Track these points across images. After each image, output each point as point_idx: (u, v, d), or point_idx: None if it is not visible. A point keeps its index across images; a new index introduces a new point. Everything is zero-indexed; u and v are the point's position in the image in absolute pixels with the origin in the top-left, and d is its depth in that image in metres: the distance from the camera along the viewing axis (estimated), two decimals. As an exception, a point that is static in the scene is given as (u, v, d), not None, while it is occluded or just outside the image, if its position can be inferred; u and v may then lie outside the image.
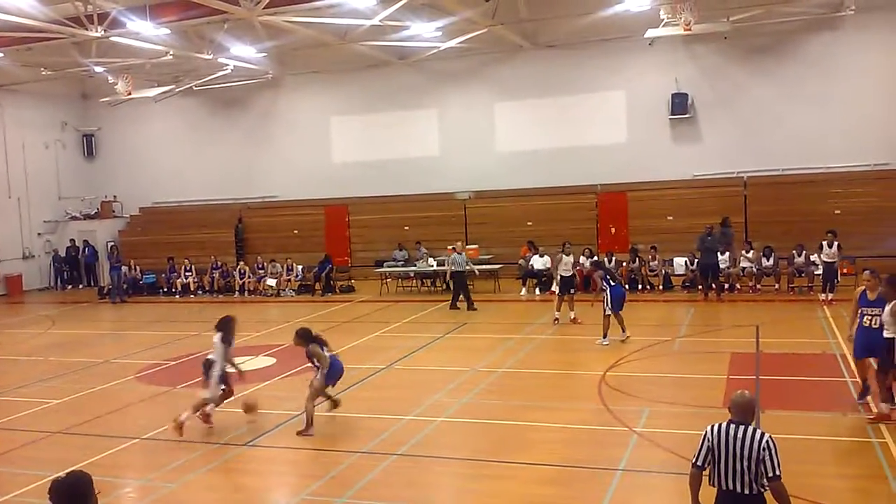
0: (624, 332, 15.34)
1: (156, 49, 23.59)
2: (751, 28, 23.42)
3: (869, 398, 10.34)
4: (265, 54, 26.79)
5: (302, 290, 26.07)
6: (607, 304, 15.22)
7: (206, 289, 27.31)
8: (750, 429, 5.58)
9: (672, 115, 24.91)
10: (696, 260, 21.50)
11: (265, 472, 9.73)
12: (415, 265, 25.20)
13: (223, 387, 11.28)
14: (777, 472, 5.43)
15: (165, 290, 27.85)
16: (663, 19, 21.88)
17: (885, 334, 9.75)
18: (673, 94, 24.80)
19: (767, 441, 5.48)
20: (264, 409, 11.84)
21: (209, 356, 11.30)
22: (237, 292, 26.61)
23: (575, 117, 26.23)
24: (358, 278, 27.21)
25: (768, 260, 21.26)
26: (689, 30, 21.22)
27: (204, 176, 30.95)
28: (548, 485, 8.69)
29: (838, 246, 19.47)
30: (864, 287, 10.39)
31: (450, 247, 21.99)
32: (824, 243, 19.53)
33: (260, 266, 26.90)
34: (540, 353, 15.35)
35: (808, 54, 23.89)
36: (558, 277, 18.14)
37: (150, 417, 11.91)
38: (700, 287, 21.07)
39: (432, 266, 24.59)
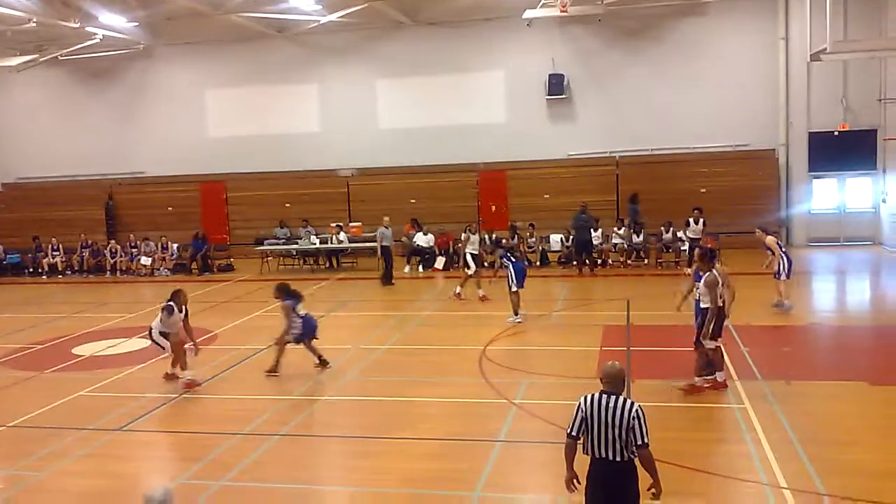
0: (517, 312, 15.56)
1: (17, 15, 22.12)
2: (624, 11, 24.22)
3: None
4: (137, 24, 25.61)
5: (177, 269, 25.30)
6: (511, 281, 15.43)
7: (76, 269, 26.10)
8: (621, 399, 5.84)
9: (549, 95, 25.49)
10: (571, 237, 22.21)
11: (140, 456, 9.49)
12: (297, 243, 24.89)
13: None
14: (645, 440, 5.73)
15: (31, 270, 26.44)
16: (541, 0, 22.33)
17: (701, 305, 10.44)
18: (550, 75, 25.37)
19: (637, 410, 5.76)
20: (137, 393, 11.50)
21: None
22: (109, 272, 25.57)
23: (456, 96, 26.45)
24: (237, 257, 26.63)
25: (638, 236, 22.20)
26: (566, 11, 21.77)
27: (71, 150, 29.38)
28: (432, 459, 8.85)
29: (703, 222, 20.55)
30: (696, 265, 10.91)
31: (385, 218, 21.83)
32: (691, 220, 20.58)
33: (133, 245, 25.92)
34: (422, 330, 15.52)
35: (677, 38, 24.94)
36: (468, 256, 18.30)
37: (18, 403, 11.36)
38: (575, 263, 21.80)
39: (315, 244, 24.34)
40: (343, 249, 24.54)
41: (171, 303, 11.71)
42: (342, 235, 24.27)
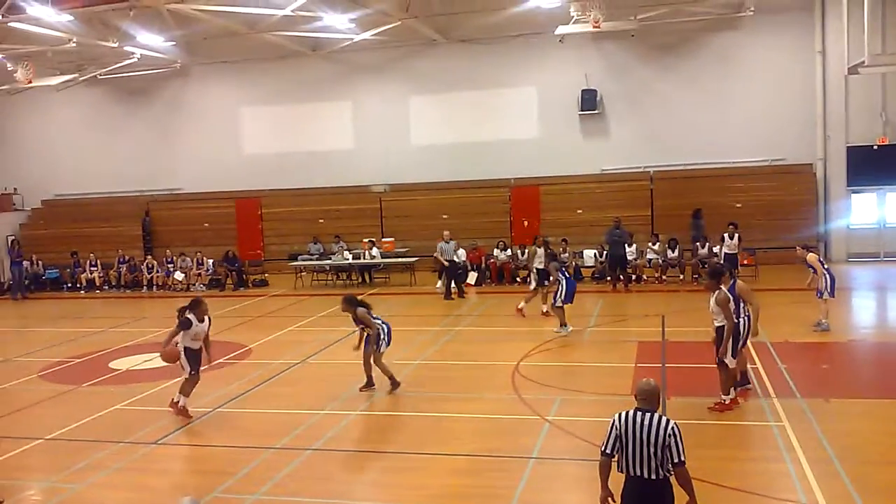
0: (564, 325, 15.56)
1: (58, 36, 22.65)
2: (657, 26, 24.11)
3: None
4: (173, 43, 26.09)
5: (213, 284, 25.56)
6: (560, 296, 15.39)
7: (113, 284, 26.49)
8: (656, 416, 5.77)
9: (582, 111, 25.44)
10: (605, 252, 22.07)
11: (175, 470, 9.56)
12: (330, 258, 25.04)
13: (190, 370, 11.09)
14: (682, 458, 5.65)
15: (70, 285, 26.90)
16: (573, 16, 22.32)
17: (716, 324, 10.36)
18: (582, 91, 25.32)
19: (673, 428, 5.68)
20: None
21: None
22: (145, 287, 25.91)
23: (488, 112, 26.51)
24: (272, 272, 26.84)
25: (673, 252, 21.98)
26: (598, 27, 21.68)
27: (109, 168, 29.92)
28: (463, 475, 8.80)
29: (739, 237, 20.31)
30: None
31: (445, 232, 22.07)
32: (726, 235, 20.34)
33: (169, 260, 26.26)
34: (455, 345, 15.49)
35: (711, 52, 24.78)
36: (534, 270, 18.13)
37: (55, 417, 11.52)
38: (608, 278, 21.64)
39: (348, 259, 24.47)
40: (376, 265, 24.62)
41: (189, 315, 10.97)
42: (375, 251, 24.37)
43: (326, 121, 28.02)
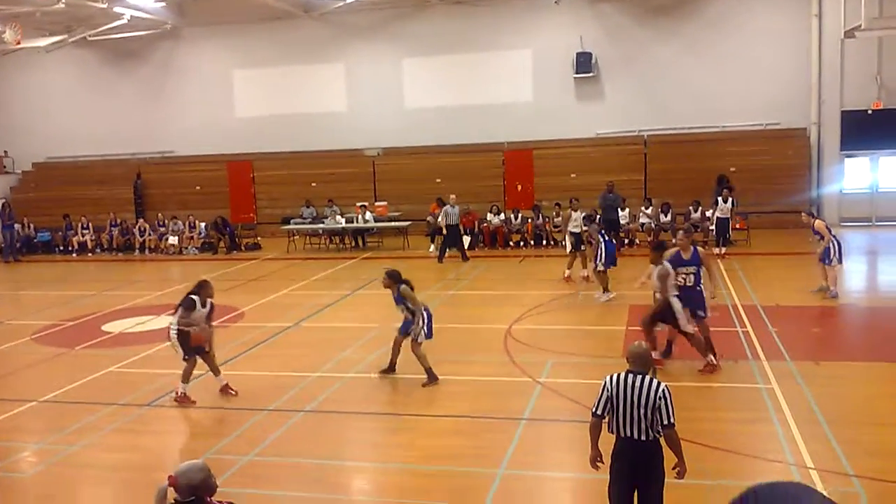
0: (607, 290, 15.21)
1: (45, -4, 22.32)
2: (653, -12, 23.90)
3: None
4: (163, 4, 25.72)
5: (205, 247, 25.52)
6: (600, 260, 15.01)
7: (105, 247, 26.43)
8: (647, 378, 5.81)
9: (576, 73, 25.25)
10: (598, 216, 22.02)
11: (169, 431, 9.61)
12: (322, 222, 24.99)
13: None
14: (671, 420, 5.70)
15: (62, 248, 26.83)
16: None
17: (658, 295, 10.66)
18: (578, 53, 25.12)
19: (663, 390, 5.73)
20: (165, 370, 11.63)
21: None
22: (137, 250, 25.87)
23: (483, 75, 26.30)
24: (264, 236, 26.79)
25: (666, 216, 22.00)
26: (595, -12, 21.48)
27: (100, 130, 29.66)
28: (455, 436, 8.88)
29: (733, 201, 20.31)
30: (678, 247, 10.85)
31: (452, 196, 21.67)
32: (720, 199, 20.32)
33: (161, 223, 26.17)
34: (448, 308, 15.49)
35: (707, 15, 24.57)
36: (569, 234, 17.57)
37: (48, 379, 11.55)
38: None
39: (341, 223, 24.42)
40: (369, 229, 24.60)
41: (194, 296, 10.21)
42: (368, 215, 24.33)
43: (319, 83, 27.77)
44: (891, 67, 22.90)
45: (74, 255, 26.15)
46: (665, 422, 5.69)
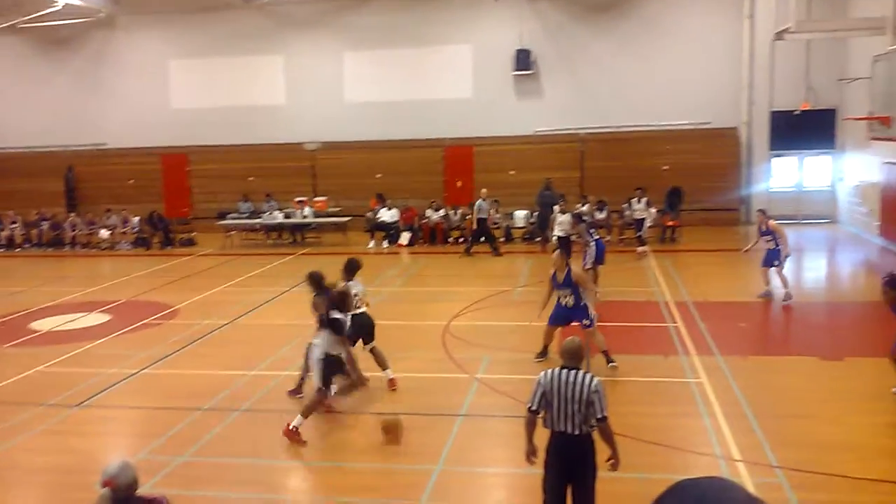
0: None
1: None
2: (591, -12, 24.22)
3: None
4: (97, -9, 25.07)
5: (138, 242, 24.97)
6: (589, 258, 14.73)
7: (34, 242, 25.65)
8: (580, 373, 5.94)
9: (516, 70, 25.46)
10: (536, 213, 22.32)
11: (101, 432, 9.43)
12: (260, 217, 24.71)
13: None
14: (604, 414, 5.85)
15: (-13, 243, 25.94)
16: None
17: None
18: (517, 50, 25.31)
19: (596, 385, 5.87)
20: (97, 368, 11.40)
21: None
22: (68, 245, 25.17)
23: (423, 70, 26.30)
24: (200, 231, 26.35)
25: (601, 213, 22.36)
26: (533, -14, 21.67)
27: (31, 121, 28.69)
28: (392, 433, 8.91)
29: (647, 202, 20.76)
30: (553, 267, 10.75)
31: (483, 190, 21.65)
32: (633, 199, 20.77)
33: (91, 223, 25.52)
34: (387, 305, 15.50)
35: (643, 15, 24.99)
36: (554, 238, 16.80)
37: (-28, 380, 11.20)
38: (539, 239, 21.92)
39: (279, 218, 24.19)
40: (308, 224, 24.41)
41: (337, 315, 8.97)
42: (307, 210, 24.14)
43: (258, 75, 27.40)
44: (818, 70, 23.63)
45: (2, 250, 25.30)
46: (598, 415, 5.83)
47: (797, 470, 7.50)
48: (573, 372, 5.95)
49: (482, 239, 21.03)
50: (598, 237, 15.20)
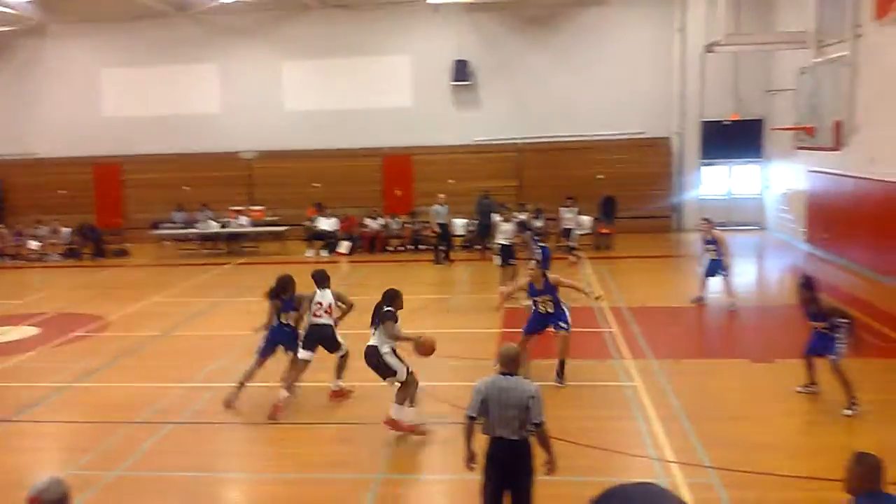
0: None
1: None
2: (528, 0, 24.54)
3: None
4: (27, -1, 24.38)
5: (69, 254, 24.30)
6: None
7: (-40, 254, 24.74)
8: (518, 379, 6.02)
9: (454, 81, 25.62)
10: (476, 221, 22.47)
11: (30, 448, 9.15)
12: (195, 227, 24.30)
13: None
14: (541, 419, 5.94)
15: None
16: (447, -14, 22.43)
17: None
18: (455, 61, 25.48)
19: (533, 390, 5.96)
20: (27, 383, 11.07)
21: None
22: (-4, 257, 24.35)
23: (362, 79, 26.25)
24: (133, 241, 25.77)
25: (539, 221, 22.60)
26: (472, -3, 21.91)
27: (-46, 130, 27.76)
28: (332, 444, 8.88)
29: (577, 210, 21.31)
30: (529, 278, 10.91)
31: (440, 196, 21.77)
32: (563, 208, 21.09)
33: (17, 234, 24.74)
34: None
35: (579, 27, 25.43)
36: (498, 247, 16.63)
37: None
38: (478, 247, 22.06)
39: (214, 228, 23.83)
40: (244, 234, 24.11)
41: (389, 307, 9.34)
42: (243, 219, 23.84)
43: (193, 84, 26.98)
44: (746, 81, 24.38)
45: (-76, 262, 24.34)
46: (536, 420, 5.91)
47: (728, 469, 7.70)
48: (511, 378, 6.03)
49: (442, 245, 21.20)
50: (543, 244, 15.36)
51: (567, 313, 10.80)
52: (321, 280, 10.36)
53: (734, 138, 24.47)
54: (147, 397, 10.38)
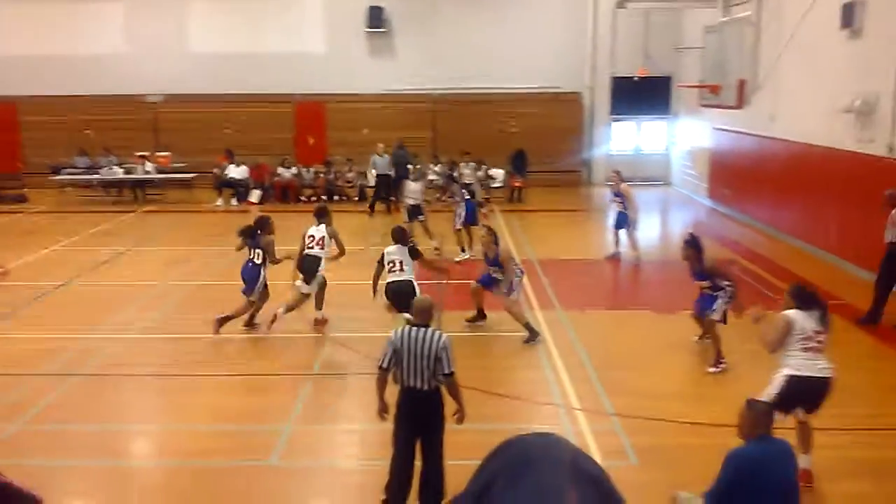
0: (470, 248, 15.12)
1: None
2: (445, -54, 24.28)
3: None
4: None
5: (-39, 199, 23.10)
6: (459, 219, 14.97)
7: None
8: (430, 331, 6.14)
9: (368, 27, 25.19)
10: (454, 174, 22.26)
11: (-77, 402, 8.81)
12: (98, 172, 23.41)
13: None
14: (451, 370, 6.09)
15: None
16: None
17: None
18: (370, 7, 25.02)
19: (444, 341, 6.10)
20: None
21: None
22: None
23: (273, 22, 25.48)
24: (31, 187, 24.63)
25: (454, 173, 22.68)
26: (387, -58, 21.49)
27: None
28: (244, 394, 8.86)
29: (474, 165, 21.20)
30: (484, 249, 10.94)
31: (379, 145, 21.38)
32: (461, 164, 21.04)
33: None
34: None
35: (495, -22, 25.34)
36: (405, 205, 16.63)
37: None
38: (392, 198, 21.99)
39: (118, 174, 23.01)
40: (150, 180, 23.36)
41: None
42: (149, 165, 23.08)
43: (96, 22, 25.63)
44: (656, 38, 24.82)
45: None
46: (446, 371, 6.06)
47: (630, 416, 8.06)
48: (423, 329, 6.14)
49: (383, 195, 21.01)
50: (467, 197, 15.39)
51: (515, 284, 10.59)
52: (320, 215, 11.30)
53: (643, 95, 24.94)
54: (51, 349, 10.10)
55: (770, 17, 16.30)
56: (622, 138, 26.22)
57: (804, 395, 6.61)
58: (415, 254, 10.34)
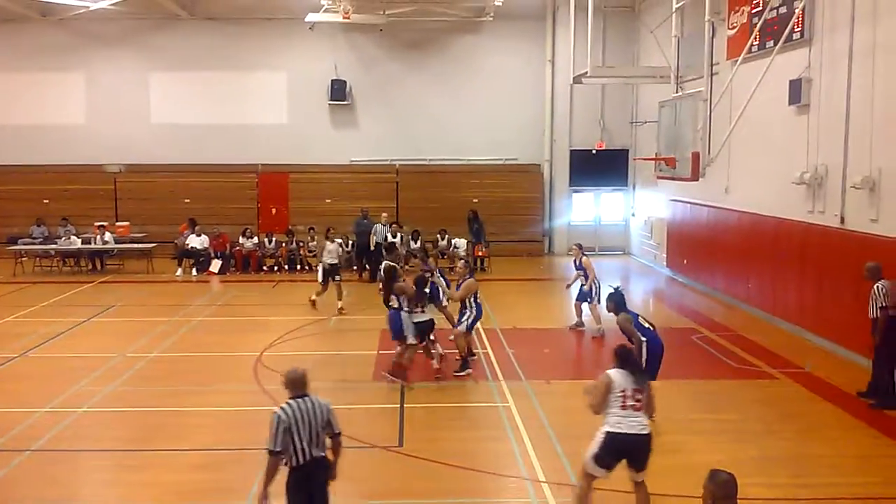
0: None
1: None
2: (405, 23, 24.86)
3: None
4: None
5: (-87, 270, 22.53)
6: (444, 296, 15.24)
7: None
8: (313, 399, 6.23)
9: (331, 100, 25.54)
10: (352, 242, 22.41)
11: None
12: (55, 243, 23.07)
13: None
14: (340, 430, 6.27)
15: None
16: (323, 5, 22.43)
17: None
18: (333, 80, 25.42)
19: (327, 404, 6.24)
20: None
21: None
22: None
23: (236, 94, 25.76)
24: (-15, 257, 24.20)
25: (416, 242, 22.79)
26: (348, 18, 22.02)
27: None
28: (201, 470, 8.62)
29: (448, 239, 22.18)
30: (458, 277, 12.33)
31: (384, 215, 22.16)
32: (438, 235, 21.47)
33: None
34: (195, 336, 14.98)
35: (454, 53, 25.95)
36: (321, 265, 17.02)
37: None
38: (355, 267, 22.01)
39: (76, 244, 22.70)
40: (108, 250, 23.07)
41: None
42: (108, 235, 22.83)
43: (55, 93, 25.67)
44: (613, 112, 25.56)
45: None
46: (336, 431, 6.24)
47: (596, 489, 7.97)
48: (306, 399, 6.20)
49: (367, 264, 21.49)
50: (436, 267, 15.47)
51: (466, 313, 12.04)
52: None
53: (601, 167, 25.57)
54: (3, 423, 9.76)
55: (721, 93, 16.83)
56: (582, 209, 26.65)
57: (622, 452, 6.83)
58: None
